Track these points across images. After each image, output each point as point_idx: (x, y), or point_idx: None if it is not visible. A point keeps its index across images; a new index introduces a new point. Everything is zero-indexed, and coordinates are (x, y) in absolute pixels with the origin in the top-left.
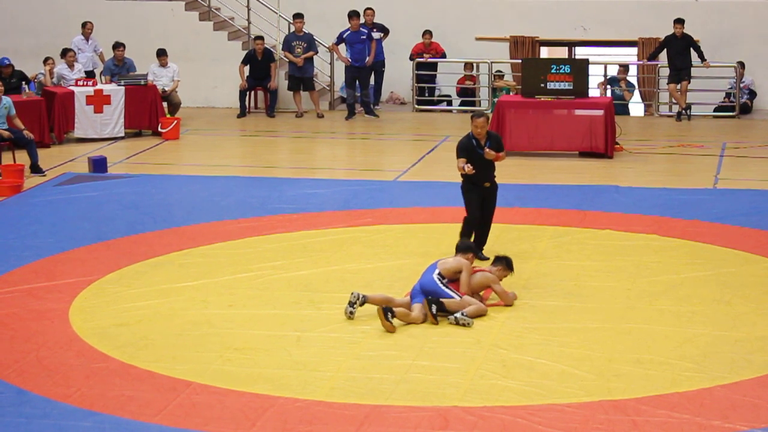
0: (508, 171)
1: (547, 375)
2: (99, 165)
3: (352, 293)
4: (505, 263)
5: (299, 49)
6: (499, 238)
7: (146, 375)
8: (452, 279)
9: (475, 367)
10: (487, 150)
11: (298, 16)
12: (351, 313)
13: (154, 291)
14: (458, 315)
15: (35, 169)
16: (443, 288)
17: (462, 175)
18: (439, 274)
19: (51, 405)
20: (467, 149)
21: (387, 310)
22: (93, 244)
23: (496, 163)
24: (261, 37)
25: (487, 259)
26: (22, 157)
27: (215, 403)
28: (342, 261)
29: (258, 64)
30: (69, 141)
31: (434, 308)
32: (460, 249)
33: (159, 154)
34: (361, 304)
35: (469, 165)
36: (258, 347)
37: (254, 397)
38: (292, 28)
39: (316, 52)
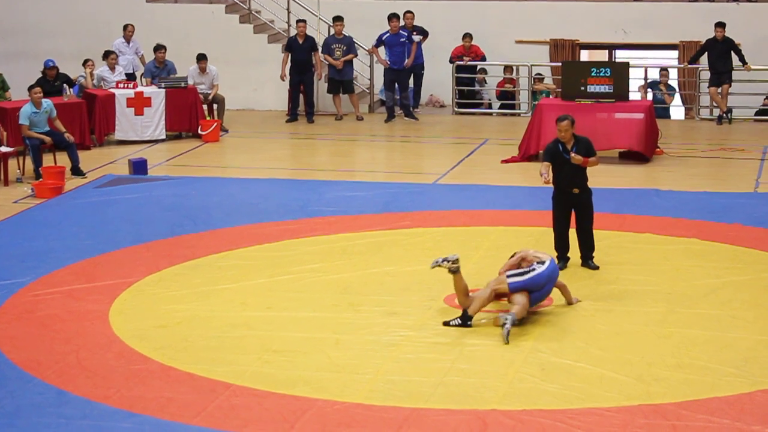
0: None
1: (586, 379)
2: (139, 167)
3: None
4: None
5: (339, 52)
6: (539, 242)
7: (186, 377)
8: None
9: (513, 371)
10: (574, 155)
11: (337, 19)
12: (445, 262)
13: (193, 293)
14: (507, 324)
15: (76, 171)
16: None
17: (552, 181)
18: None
19: (91, 406)
20: (552, 154)
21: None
22: (133, 246)
23: (588, 169)
24: (303, 20)
25: (598, 268)
26: (63, 159)
27: (254, 405)
28: (381, 264)
29: (300, 49)
30: (109, 143)
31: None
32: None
33: (199, 156)
34: (453, 271)
35: (546, 174)
36: (297, 350)
37: (293, 399)
38: (332, 31)
39: (356, 55)
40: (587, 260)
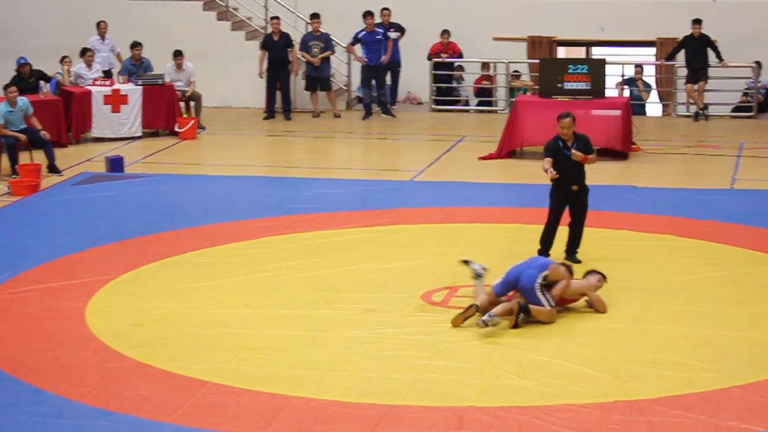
0: (524, 171)
1: (562, 375)
2: (116, 165)
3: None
4: (600, 273)
5: (316, 49)
6: (517, 239)
7: (162, 374)
8: (550, 284)
9: (490, 368)
10: (574, 151)
11: (315, 17)
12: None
13: (170, 291)
14: (486, 317)
15: (52, 168)
16: (539, 295)
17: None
18: (545, 278)
19: (67, 404)
20: (553, 150)
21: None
22: (109, 244)
23: (586, 166)
24: (277, 17)
25: (580, 262)
26: (40, 157)
27: (231, 402)
28: (358, 261)
29: (275, 46)
30: (86, 140)
31: (521, 317)
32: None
33: (176, 153)
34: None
35: (552, 169)
36: (274, 347)
37: (270, 396)
38: (310, 28)
39: (333, 52)
40: (572, 254)
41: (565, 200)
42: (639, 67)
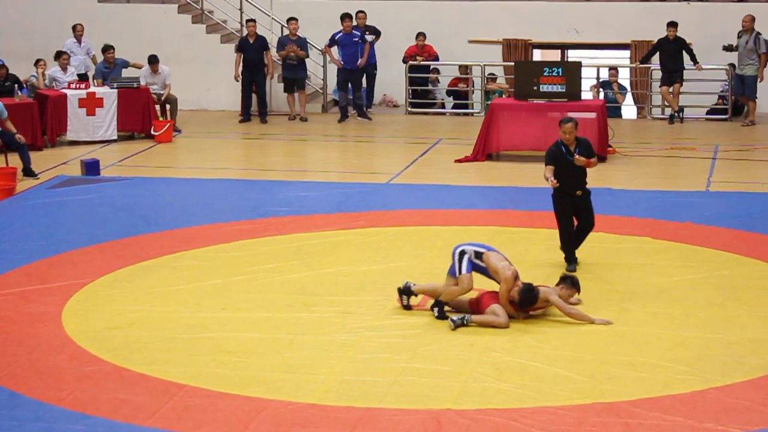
0: (500, 173)
1: (540, 377)
2: (92, 168)
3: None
4: (570, 282)
5: (292, 53)
6: (493, 241)
7: (139, 378)
8: (490, 276)
9: (468, 370)
10: (577, 156)
11: (292, 19)
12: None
13: (147, 294)
14: (457, 319)
15: (27, 172)
16: (457, 260)
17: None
18: (478, 256)
19: (43, 408)
20: (556, 157)
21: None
22: (86, 247)
23: (588, 170)
24: (253, 20)
25: (577, 262)
26: (15, 161)
27: (208, 406)
28: (335, 264)
29: (251, 49)
30: (61, 144)
31: (436, 311)
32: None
33: (152, 156)
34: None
35: (552, 178)
36: (251, 350)
37: (247, 400)
38: (286, 32)
39: (307, 56)
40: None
41: (571, 205)
42: (614, 69)
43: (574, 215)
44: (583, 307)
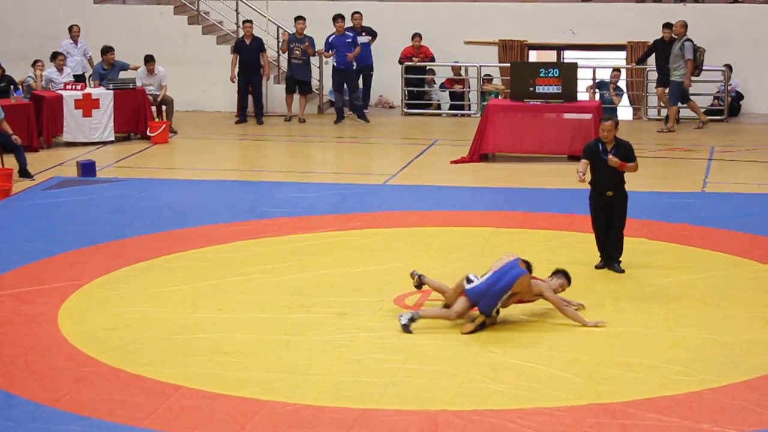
0: (496, 174)
1: (536, 378)
2: (88, 169)
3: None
4: (563, 275)
5: (298, 51)
6: (489, 242)
7: (135, 379)
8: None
9: (464, 371)
10: (611, 157)
11: (299, 18)
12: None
13: (143, 295)
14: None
15: (24, 173)
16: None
17: (589, 182)
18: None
19: (39, 409)
20: (591, 152)
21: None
22: (82, 248)
23: (626, 174)
24: (249, 21)
25: (623, 272)
26: (11, 162)
27: (204, 407)
28: (331, 265)
29: (247, 50)
30: (57, 145)
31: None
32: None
33: (148, 158)
34: (419, 286)
35: (581, 172)
36: (247, 351)
37: (243, 401)
38: (282, 33)
39: (314, 54)
40: (612, 262)
41: (602, 206)
42: (617, 71)
43: (606, 216)
44: (582, 309)
